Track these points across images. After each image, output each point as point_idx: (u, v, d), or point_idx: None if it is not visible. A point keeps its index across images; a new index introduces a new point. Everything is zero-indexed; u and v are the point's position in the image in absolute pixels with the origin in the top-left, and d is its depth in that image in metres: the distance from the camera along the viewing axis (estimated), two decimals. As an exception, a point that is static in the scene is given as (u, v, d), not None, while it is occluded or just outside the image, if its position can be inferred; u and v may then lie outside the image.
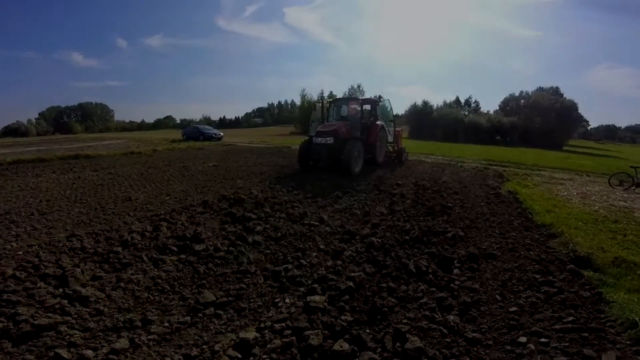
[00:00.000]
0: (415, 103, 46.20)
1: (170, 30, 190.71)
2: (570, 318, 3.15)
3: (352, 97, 12.13)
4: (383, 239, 5.04)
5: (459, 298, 3.56)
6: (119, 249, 4.67)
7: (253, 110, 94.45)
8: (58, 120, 71.04)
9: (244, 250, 4.73)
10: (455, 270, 4.23)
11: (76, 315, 3.18)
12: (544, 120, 43.53)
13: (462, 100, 58.64)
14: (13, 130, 63.55)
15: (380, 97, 12.02)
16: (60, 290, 3.57)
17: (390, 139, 12.68)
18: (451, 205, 6.97)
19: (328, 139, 10.05)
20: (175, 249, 4.76)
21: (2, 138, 56.76)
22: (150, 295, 3.63)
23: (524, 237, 5.52)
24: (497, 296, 3.70)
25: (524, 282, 3.99)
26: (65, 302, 3.34)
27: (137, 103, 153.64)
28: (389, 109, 12.32)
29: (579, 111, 46.71)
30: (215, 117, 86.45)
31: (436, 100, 58.92)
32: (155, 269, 4.20)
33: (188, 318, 3.21)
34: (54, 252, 4.54)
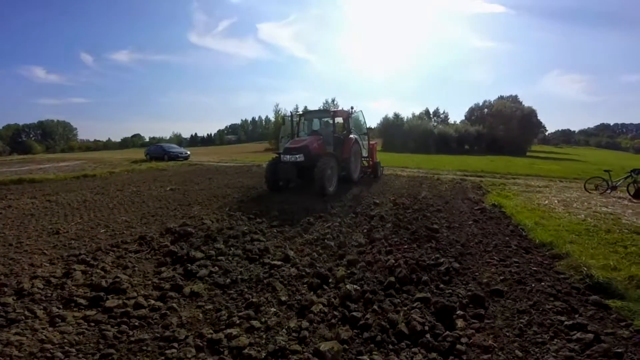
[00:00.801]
0: (387, 115, 46.47)
1: (138, 46, 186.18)
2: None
3: (323, 109, 10.90)
4: (362, 283, 3.96)
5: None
6: (10, 299, 3.58)
7: (226, 127, 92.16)
8: (16, 139, 65.95)
9: (175, 305, 3.51)
10: (459, 322, 3.23)
11: None
12: (507, 128, 44.83)
13: (431, 111, 59.55)
14: (-36, 152, 58.42)
15: (352, 108, 10.94)
16: None
17: (364, 153, 11.79)
18: (437, 227, 6.02)
19: (298, 156, 8.97)
20: (84, 302, 3.60)
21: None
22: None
23: (527, 262, 4.76)
24: (517, 352, 2.84)
25: (547, 327, 3.18)
26: None
27: (103, 121, 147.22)
28: (362, 121, 11.44)
29: (538, 117, 48.59)
30: (186, 134, 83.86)
31: (406, 113, 59.55)
32: (50, 329, 3.12)
33: None
34: None
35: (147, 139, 73.92)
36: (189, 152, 26.04)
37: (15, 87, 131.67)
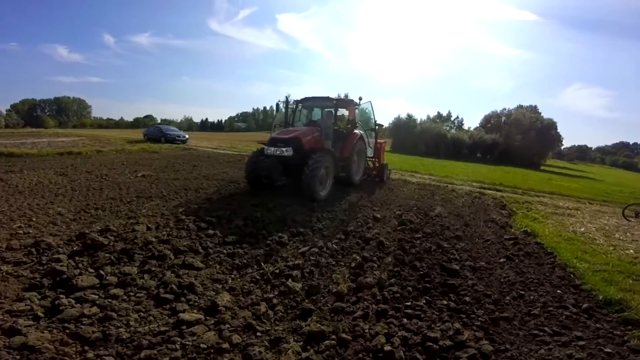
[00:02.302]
0: (399, 116, 44.13)
1: (159, 29, 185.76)
2: None
3: (325, 96, 8.75)
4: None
5: None
6: None
7: (237, 114, 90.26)
8: (31, 114, 65.30)
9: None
10: None
11: None
12: (524, 139, 42.29)
13: (444, 115, 56.79)
14: (-22, 122, 58.07)
15: (360, 98, 8.98)
16: None
17: (370, 152, 9.79)
18: (457, 269, 4.12)
19: (285, 149, 7.08)
20: None
21: (-37, 129, 51.43)
22: None
23: (596, 337, 3.07)
24: None
25: None
26: None
27: (119, 100, 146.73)
28: (370, 115, 9.44)
29: (558, 130, 45.86)
30: (197, 119, 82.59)
31: (419, 114, 56.99)
32: None
33: None
34: None
35: (159, 120, 72.61)
36: (187, 136, 24.39)
37: (37, 65, 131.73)
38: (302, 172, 6.75)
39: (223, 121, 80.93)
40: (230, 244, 4.49)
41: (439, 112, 55.42)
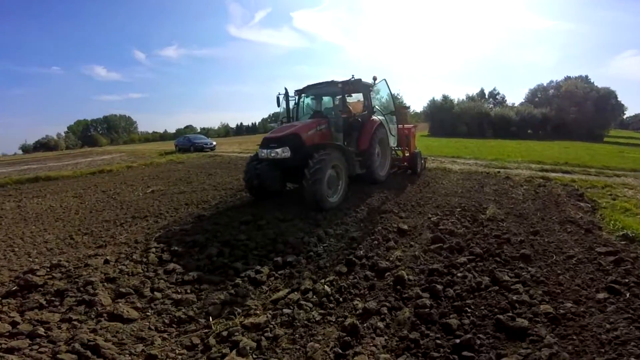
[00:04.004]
0: (433, 98, 40.96)
1: (183, 41, 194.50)
2: None
3: (330, 81, 7.02)
4: None
5: None
6: None
7: (269, 115, 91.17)
8: (85, 134, 70.62)
9: None
10: None
11: None
12: (579, 111, 37.46)
13: (487, 92, 51.89)
14: (43, 145, 63.83)
15: (374, 78, 7.42)
16: None
17: (392, 142, 7.96)
18: (526, 325, 2.43)
19: (279, 150, 5.69)
20: None
21: (34, 152, 56.82)
22: None
23: None
24: None
25: None
26: None
27: (159, 114, 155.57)
28: (388, 96, 7.61)
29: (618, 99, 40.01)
30: (233, 124, 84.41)
31: (456, 94, 52.81)
32: None
33: None
34: None
35: (199, 129, 75.09)
36: (214, 143, 24.45)
37: (81, 86, 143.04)
38: (303, 177, 5.29)
39: (257, 123, 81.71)
40: (189, 283, 3.34)
41: (482, 90, 50.89)
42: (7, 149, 63.85)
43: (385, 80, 7.00)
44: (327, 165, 5.43)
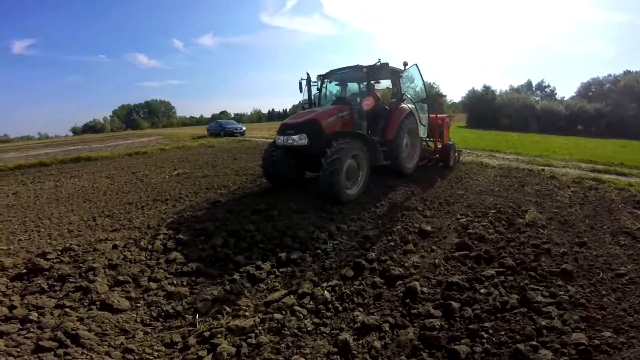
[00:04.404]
0: (473, 88, 38.63)
1: (218, 30, 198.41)
2: None
3: (355, 65, 6.41)
4: None
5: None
6: None
7: (300, 102, 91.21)
8: (129, 117, 74.61)
9: None
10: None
11: None
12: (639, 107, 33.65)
13: (534, 84, 48.15)
14: (91, 127, 68.15)
15: (405, 63, 6.60)
16: None
17: (422, 132, 7.22)
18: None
19: (297, 137, 5.33)
20: None
21: (83, 134, 60.99)
22: None
23: None
24: None
25: None
26: None
27: (196, 100, 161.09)
28: (419, 82, 6.87)
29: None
30: (265, 110, 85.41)
31: (499, 86, 49.44)
32: None
33: None
34: None
35: (232, 115, 76.68)
36: (244, 128, 24.76)
37: (125, 73, 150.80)
38: (321, 166, 4.92)
39: (288, 110, 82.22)
40: (187, 274, 3.19)
41: (529, 81, 47.34)
42: (60, 132, 69.24)
43: (416, 65, 6.36)
44: (346, 155, 5.03)
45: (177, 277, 3.22)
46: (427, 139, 8.08)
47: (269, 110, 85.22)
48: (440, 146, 8.13)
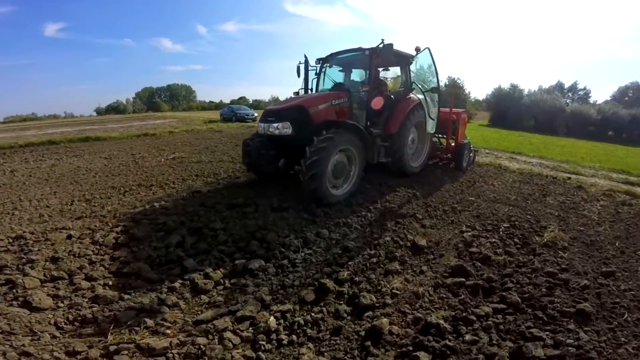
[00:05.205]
0: (499, 86, 36.78)
1: (243, 16, 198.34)
2: None
3: (357, 47, 5.50)
4: None
5: None
6: None
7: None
8: (151, 100, 75.54)
9: None
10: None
11: None
12: (680, 114, 31.19)
13: (566, 86, 45.41)
14: (114, 108, 69.72)
15: (417, 49, 5.58)
16: None
17: (430, 127, 5.86)
18: None
19: (278, 125, 4.65)
20: None
21: (106, 115, 62.56)
22: None
23: None
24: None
25: None
26: None
27: (217, 85, 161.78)
28: (430, 70, 5.65)
29: None
30: (282, 98, 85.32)
31: (527, 85, 46.91)
32: None
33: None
34: None
35: (251, 101, 76.66)
36: (255, 114, 24.35)
37: (149, 56, 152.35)
38: (303, 161, 4.24)
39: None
40: (126, 275, 2.85)
41: (559, 82, 44.74)
42: (84, 111, 70.88)
43: (429, 49, 5.51)
44: (331, 149, 4.30)
45: (115, 278, 2.81)
46: (439, 135, 7.30)
47: (286, 98, 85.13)
48: (453, 145, 7.32)
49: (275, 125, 4.65)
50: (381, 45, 4.95)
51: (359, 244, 3.32)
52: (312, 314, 2.25)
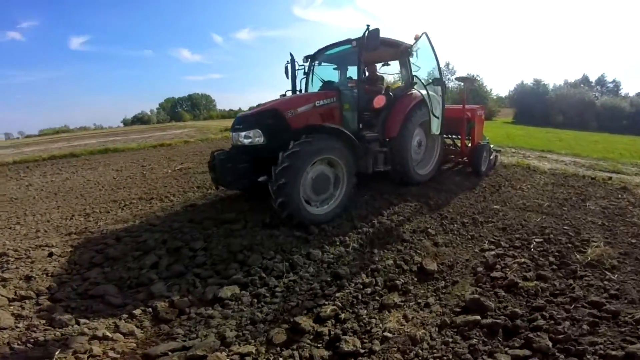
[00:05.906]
0: (522, 81, 35.20)
1: (255, 24, 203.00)
2: None
3: (346, 39, 4.68)
4: None
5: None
6: None
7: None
8: (173, 110, 78.03)
9: None
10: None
11: None
12: None
13: (594, 80, 42.77)
14: (139, 119, 72.73)
15: (417, 37, 4.69)
16: None
17: (435, 127, 5.03)
18: None
19: (249, 134, 3.95)
20: None
21: (132, 125, 65.08)
22: None
23: None
24: None
25: None
26: None
27: (235, 93, 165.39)
28: (432, 59, 4.86)
29: None
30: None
31: (551, 79, 44.66)
32: None
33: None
34: None
35: (268, 108, 77.47)
36: None
37: (170, 67, 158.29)
38: (274, 176, 3.54)
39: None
40: (91, 298, 2.63)
41: (585, 76, 42.24)
42: (113, 122, 74.11)
43: (426, 34, 4.67)
44: (307, 157, 3.58)
45: (80, 300, 2.59)
46: (452, 136, 6.60)
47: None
48: (468, 147, 6.42)
49: (244, 134, 3.98)
50: (368, 31, 4.12)
51: (353, 269, 2.79)
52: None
